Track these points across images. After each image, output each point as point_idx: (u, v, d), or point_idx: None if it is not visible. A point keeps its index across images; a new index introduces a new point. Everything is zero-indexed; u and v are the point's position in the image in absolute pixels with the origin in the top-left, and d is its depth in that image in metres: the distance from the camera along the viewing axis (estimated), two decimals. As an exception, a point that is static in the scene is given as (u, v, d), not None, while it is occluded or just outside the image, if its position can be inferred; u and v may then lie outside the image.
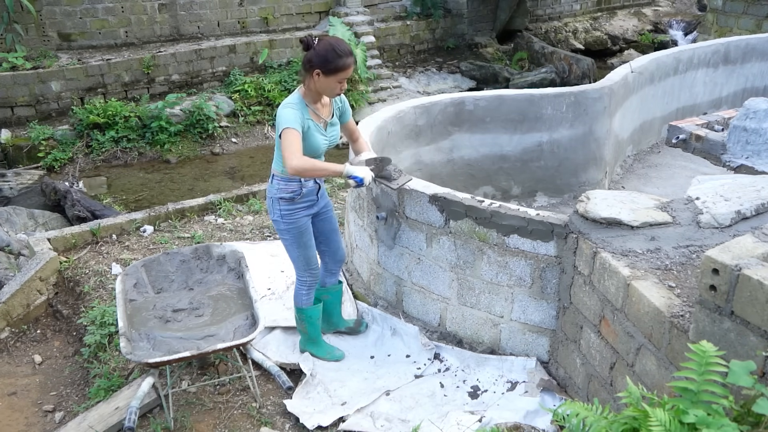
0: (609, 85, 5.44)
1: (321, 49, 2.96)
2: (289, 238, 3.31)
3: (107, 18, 10.63)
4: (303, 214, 3.27)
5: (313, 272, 3.46)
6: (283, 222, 3.25)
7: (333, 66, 2.95)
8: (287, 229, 3.27)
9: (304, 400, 3.37)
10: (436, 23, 13.74)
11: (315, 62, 2.96)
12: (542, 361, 3.43)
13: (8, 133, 9.13)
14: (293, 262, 3.42)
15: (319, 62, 2.95)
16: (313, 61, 2.96)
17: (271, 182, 3.24)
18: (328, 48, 2.95)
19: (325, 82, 2.99)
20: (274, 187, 3.20)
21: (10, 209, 6.81)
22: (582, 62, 13.18)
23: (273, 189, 3.21)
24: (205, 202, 5.71)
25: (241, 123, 10.50)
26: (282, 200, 3.19)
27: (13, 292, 4.29)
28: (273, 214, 3.27)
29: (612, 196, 3.05)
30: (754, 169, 4.06)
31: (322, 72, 2.96)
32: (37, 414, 3.61)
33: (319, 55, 2.95)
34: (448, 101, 5.19)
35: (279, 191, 3.18)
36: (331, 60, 2.94)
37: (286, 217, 3.23)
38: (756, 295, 1.87)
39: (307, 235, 3.33)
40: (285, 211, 3.22)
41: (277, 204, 3.21)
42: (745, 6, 11.52)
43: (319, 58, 2.95)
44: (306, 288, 3.47)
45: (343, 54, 2.96)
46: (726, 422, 1.50)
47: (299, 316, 3.56)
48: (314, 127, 3.09)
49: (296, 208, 3.23)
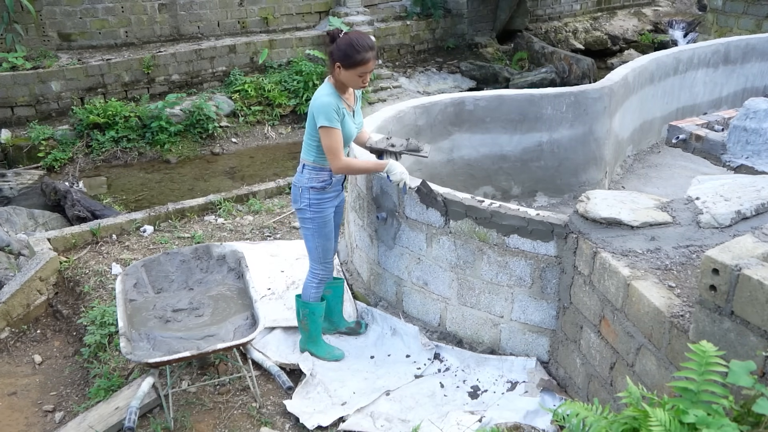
0: (609, 85, 5.44)
1: (342, 43, 3.03)
2: (312, 228, 3.34)
3: (107, 18, 10.63)
4: (329, 204, 3.32)
5: (327, 266, 3.49)
6: (310, 210, 3.28)
7: (352, 61, 3.02)
8: (312, 218, 3.30)
9: (304, 400, 3.37)
10: (436, 23, 13.74)
11: (336, 56, 3.04)
12: (542, 361, 3.43)
13: (8, 133, 9.13)
14: (310, 252, 3.44)
15: (340, 56, 3.02)
16: (334, 55, 3.04)
17: (301, 171, 3.27)
18: (348, 43, 3.02)
19: (346, 75, 3.07)
20: (305, 176, 3.24)
21: (10, 209, 6.81)
22: (582, 62, 13.18)
23: (303, 178, 3.25)
24: (205, 202, 5.71)
25: (241, 123, 10.50)
26: (313, 189, 3.24)
27: (13, 292, 4.29)
28: (300, 203, 3.29)
29: (612, 196, 3.05)
30: (754, 169, 4.06)
31: (343, 66, 3.04)
32: (37, 414, 3.61)
33: (339, 49, 3.02)
34: (448, 101, 5.19)
35: (310, 180, 3.23)
36: (351, 55, 3.01)
37: (314, 206, 3.27)
38: (756, 295, 1.87)
39: (329, 226, 3.38)
40: (314, 200, 3.26)
41: (307, 193, 3.25)
42: (745, 6, 11.52)
43: (339, 53, 3.02)
44: (317, 281, 3.49)
45: (361, 49, 3.02)
46: (726, 422, 1.50)
47: (303, 311, 3.54)
48: (347, 114, 3.18)
49: (325, 198, 3.28)
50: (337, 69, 3.06)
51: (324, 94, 3.10)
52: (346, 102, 3.20)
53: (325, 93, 3.10)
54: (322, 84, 3.19)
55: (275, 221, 5.45)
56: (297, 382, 3.48)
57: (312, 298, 3.51)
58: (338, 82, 3.13)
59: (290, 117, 10.91)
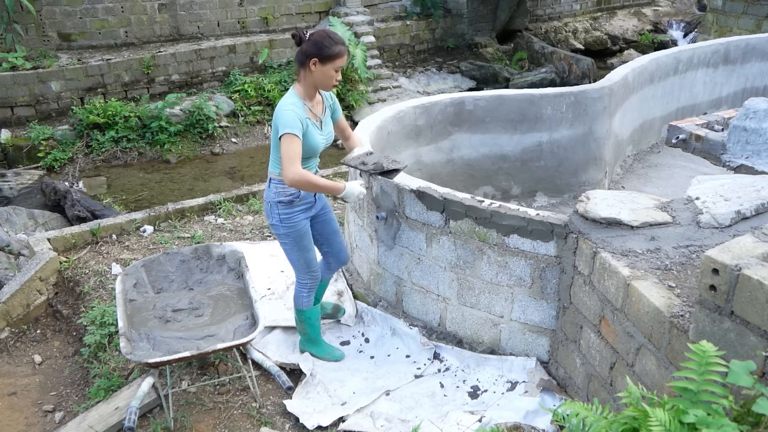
0: (609, 85, 5.44)
1: (316, 37, 2.95)
2: (288, 242, 3.27)
3: (107, 18, 10.64)
4: (302, 217, 3.22)
5: (314, 274, 3.42)
6: (282, 226, 3.20)
7: (329, 52, 2.94)
8: (286, 233, 3.22)
9: (304, 400, 3.37)
10: (436, 23, 13.74)
11: (311, 51, 2.94)
12: (542, 361, 3.43)
13: (8, 133, 9.13)
14: (293, 265, 3.39)
15: (315, 50, 2.93)
16: (309, 51, 2.95)
17: (268, 186, 3.19)
18: (323, 35, 2.96)
19: (321, 71, 2.97)
20: (272, 190, 3.15)
21: (10, 209, 6.81)
22: (582, 62, 13.19)
23: (270, 192, 3.16)
24: (205, 202, 5.71)
25: (241, 123, 10.50)
26: (280, 204, 3.15)
27: (13, 292, 4.29)
28: (271, 219, 3.22)
29: (612, 196, 3.05)
30: (754, 169, 4.06)
31: (319, 60, 2.94)
32: (37, 414, 3.61)
33: (314, 43, 2.94)
34: (448, 101, 5.19)
35: (277, 195, 3.14)
36: (328, 46, 2.94)
37: (285, 221, 3.18)
38: (756, 295, 1.87)
39: (306, 238, 3.29)
40: (284, 215, 3.17)
41: (275, 208, 3.16)
42: (745, 6, 11.52)
43: (314, 47, 2.94)
44: (306, 290, 3.45)
45: (338, 41, 2.97)
46: (726, 422, 1.50)
47: (299, 318, 3.56)
48: (312, 125, 3.05)
49: (295, 212, 3.18)
50: (312, 66, 2.95)
51: (288, 102, 2.99)
52: (313, 111, 3.09)
53: (289, 101, 2.99)
54: (286, 94, 3.07)
55: (275, 221, 5.44)
56: (297, 382, 3.48)
57: (304, 305, 3.48)
58: (307, 85, 3.03)
59: (290, 117, 10.90)
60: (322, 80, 3.02)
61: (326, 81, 3.03)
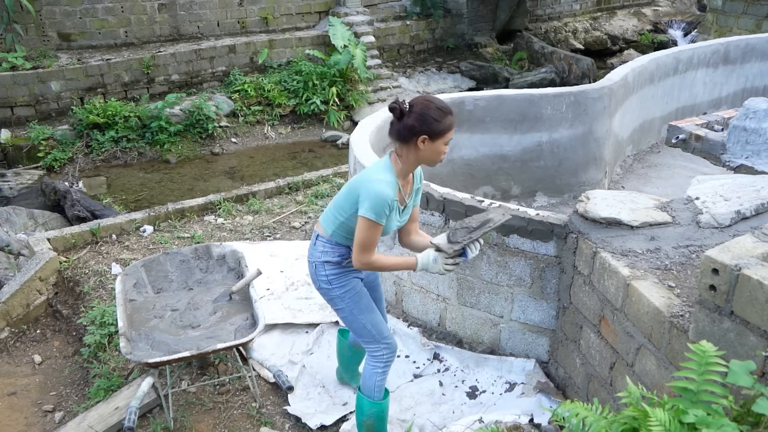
0: (609, 85, 5.44)
1: (421, 109, 2.50)
2: (346, 306, 2.77)
3: (107, 18, 10.63)
4: (352, 275, 2.79)
5: (389, 341, 2.83)
6: (334, 288, 2.74)
7: (442, 127, 2.51)
8: (341, 295, 2.75)
9: (305, 401, 3.37)
10: (435, 23, 13.74)
11: (419, 128, 2.48)
12: (542, 361, 3.43)
13: (8, 133, 9.13)
14: (360, 334, 2.82)
15: (425, 128, 2.48)
16: (417, 127, 2.48)
17: (313, 243, 2.76)
18: (429, 106, 2.51)
19: (431, 148, 2.52)
20: (318, 249, 2.74)
21: (10, 209, 6.80)
22: (582, 62, 13.19)
23: (316, 251, 2.75)
24: (204, 202, 5.71)
25: (240, 123, 10.50)
26: (328, 264, 2.72)
27: (13, 292, 4.29)
28: (318, 281, 2.77)
29: (612, 196, 3.05)
30: (753, 169, 4.06)
31: (431, 137, 2.50)
32: (37, 414, 3.61)
33: (422, 118, 2.48)
34: (448, 101, 5.19)
35: (324, 254, 2.72)
36: (438, 120, 2.50)
37: (335, 281, 2.74)
38: (756, 295, 1.87)
39: (366, 298, 2.80)
40: (332, 275, 2.73)
41: (322, 268, 2.73)
42: (745, 6, 11.52)
43: (423, 123, 2.48)
44: (382, 366, 2.81)
45: (447, 110, 2.54)
46: (726, 422, 1.50)
47: (371, 411, 2.84)
48: (396, 209, 2.62)
49: (345, 270, 2.76)
50: (420, 144, 2.50)
51: (385, 179, 2.52)
52: (402, 192, 2.64)
53: (386, 179, 2.53)
54: (381, 163, 2.61)
55: (275, 221, 5.45)
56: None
57: (379, 390, 2.82)
58: (409, 163, 2.58)
59: (290, 117, 10.91)
60: (429, 157, 2.57)
61: (435, 157, 2.58)
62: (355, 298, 2.76)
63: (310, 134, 10.78)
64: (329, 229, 2.71)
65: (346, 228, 2.66)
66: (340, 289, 2.75)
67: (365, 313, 2.78)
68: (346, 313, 2.79)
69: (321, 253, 2.73)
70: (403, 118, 2.52)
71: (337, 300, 2.77)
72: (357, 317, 2.78)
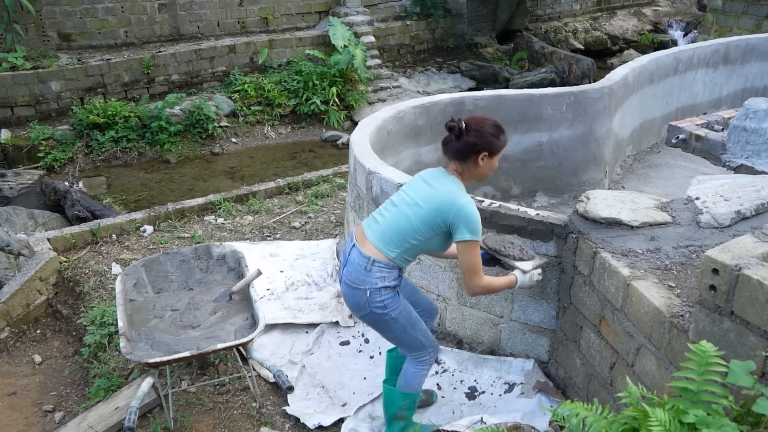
0: (609, 85, 5.44)
1: (480, 127, 2.59)
2: (399, 326, 2.76)
3: (107, 18, 10.63)
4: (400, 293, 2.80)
5: (435, 344, 2.92)
6: (389, 311, 2.71)
7: (500, 144, 2.63)
8: (396, 317, 2.73)
9: (304, 401, 3.37)
10: (436, 23, 13.75)
11: (481, 144, 2.57)
12: (542, 361, 3.43)
13: (8, 133, 9.13)
14: (412, 347, 2.85)
15: (486, 145, 2.58)
16: (479, 145, 2.57)
17: (367, 269, 2.65)
18: (487, 124, 2.62)
19: (489, 164, 2.63)
20: (374, 275, 2.64)
21: (10, 209, 6.80)
22: (582, 62, 13.19)
23: (372, 278, 2.65)
24: (205, 202, 5.71)
25: (240, 123, 10.50)
26: (385, 289, 2.67)
27: (13, 292, 4.29)
28: (371, 308, 2.69)
29: (612, 196, 3.05)
30: (754, 169, 4.06)
31: (490, 154, 2.61)
32: (37, 414, 3.61)
33: (482, 136, 2.58)
34: (448, 101, 5.19)
35: (382, 279, 2.65)
36: (497, 136, 2.61)
37: (391, 304, 2.70)
38: (756, 295, 1.87)
39: (413, 311, 2.84)
40: (388, 299, 2.69)
41: (378, 294, 2.66)
42: (745, 6, 11.52)
43: (484, 141, 2.58)
44: (427, 369, 2.93)
45: (501, 128, 2.66)
46: (726, 422, 1.50)
47: (404, 402, 2.95)
48: None
49: (396, 291, 2.75)
50: (480, 161, 2.59)
51: (469, 201, 2.57)
52: None
53: (469, 200, 2.57)
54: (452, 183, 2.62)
55: (275, 221, 5.45)
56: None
57: (419, 386, 2.94)
58: (469, 179, 2.66)
59: (290, 117, 10.91)
60: (485, 173, 2.67)
61: (489, 172, 2.69)
62: (407, 316, 2.77)
63: (310, 134, 10.78)
64: (392, 253, 2.65)
65: (416, 251, 2.68)
66: (395, 311, 2.72)
67: (417, 326, 2.80)
68: (398, 331, 2.78)
69: (378, 279, 2.65)
70: (462, 136, 2.58)
71: (391, 323, 2.75)
72: (410, 333, 2.79)
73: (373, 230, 2.71)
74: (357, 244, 2.72)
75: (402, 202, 2.69)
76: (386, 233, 2.66)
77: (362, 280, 2.66)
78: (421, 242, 2.63)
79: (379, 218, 2.73)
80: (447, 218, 2.55)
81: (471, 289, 2.64)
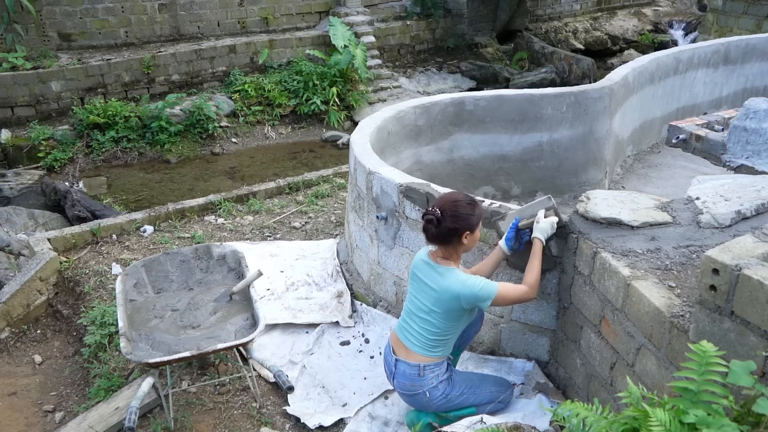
0: (609, 85, 5.44)
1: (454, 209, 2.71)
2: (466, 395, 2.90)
3: (107, 18, 10.64)
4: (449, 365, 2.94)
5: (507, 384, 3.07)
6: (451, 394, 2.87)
7: (477, 219, 2.76)
8: (460, 393, 2.88)
9: (305, 402, 3.37)
10: (436, 23, 13.75)
11: (462, 227, 2.71)
12: (542, 361, 3.43)
13: (8, 133, 9.13)
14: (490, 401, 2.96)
15: (466, 224, 2.72)
16: (459, 228, 2.71)
17: (420, 375, 2.82)
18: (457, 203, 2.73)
19: (472, 238, 2.78)
20: (427, 378, 2.82)
21: (10, 209, 6.81)
22: (582, 62, 13.19)
23: (425, 381, 2.82)
24: (205, 202, 5.71)
25: (241, 123, 10.51)
26: (442, 383, 2.85)
27: (13, 292, 4.29)
28: (438, 402, 2.85)
29: (612, 196, 3.04)
30: (754, 168, 4.06)
31: (471, 231, 2.75)
32: (37, 414, 3.62)
33: (458, 218, 2.70)
34: (448, 101, 5.19)
35: (436, 378, 2.84)
36: (473, 213, 2.74)
37: (448, 388, 2.87)
38: (756, 295, 1.87)
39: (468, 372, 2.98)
40: (447, 387, 2.86)
41: (437, 391, 2.84)
42: (745, 6, 11.52)
43: (463, 222, 2.71)
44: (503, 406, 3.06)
45: (474, 201, 2.78)
46: (726, 422, 1.50)
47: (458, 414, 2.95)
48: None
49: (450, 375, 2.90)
50: (464, 239, 2.74)
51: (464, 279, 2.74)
52: None
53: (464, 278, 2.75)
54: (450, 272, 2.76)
55: (275, 221, 5.45)
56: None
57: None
58: (458, 257, 2.82)
59: (290, 117, 10.91)
60: (471, 246, 2.83)
61: (474, 244, 2.84)
62: (467, 384, 2.90)
63: (311, 134, 10.78)
64: (438, 353, 2.83)
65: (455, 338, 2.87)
66: (454, 389, 2.87)
67: (482, 383, 2.94)
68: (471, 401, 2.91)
69: (433, 379, 2.83)
70: (441, 223, 2.69)
71: (460, 399, 2.88)
72: (477, 392, 2.92)
73: (411, 339, 2.86)
74: (401, 357, 2.88)
75: (419, 310, 2.83)
76: (424, 340, 2.82)
77: (418, 385, 2.84)
78: (456, 330, 2.83)
79: (413, 325, 2.85)
80: (462, 306, 2.74)
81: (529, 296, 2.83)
